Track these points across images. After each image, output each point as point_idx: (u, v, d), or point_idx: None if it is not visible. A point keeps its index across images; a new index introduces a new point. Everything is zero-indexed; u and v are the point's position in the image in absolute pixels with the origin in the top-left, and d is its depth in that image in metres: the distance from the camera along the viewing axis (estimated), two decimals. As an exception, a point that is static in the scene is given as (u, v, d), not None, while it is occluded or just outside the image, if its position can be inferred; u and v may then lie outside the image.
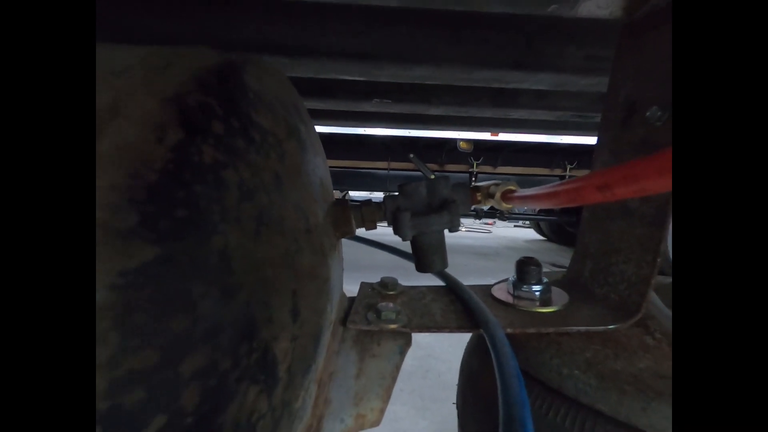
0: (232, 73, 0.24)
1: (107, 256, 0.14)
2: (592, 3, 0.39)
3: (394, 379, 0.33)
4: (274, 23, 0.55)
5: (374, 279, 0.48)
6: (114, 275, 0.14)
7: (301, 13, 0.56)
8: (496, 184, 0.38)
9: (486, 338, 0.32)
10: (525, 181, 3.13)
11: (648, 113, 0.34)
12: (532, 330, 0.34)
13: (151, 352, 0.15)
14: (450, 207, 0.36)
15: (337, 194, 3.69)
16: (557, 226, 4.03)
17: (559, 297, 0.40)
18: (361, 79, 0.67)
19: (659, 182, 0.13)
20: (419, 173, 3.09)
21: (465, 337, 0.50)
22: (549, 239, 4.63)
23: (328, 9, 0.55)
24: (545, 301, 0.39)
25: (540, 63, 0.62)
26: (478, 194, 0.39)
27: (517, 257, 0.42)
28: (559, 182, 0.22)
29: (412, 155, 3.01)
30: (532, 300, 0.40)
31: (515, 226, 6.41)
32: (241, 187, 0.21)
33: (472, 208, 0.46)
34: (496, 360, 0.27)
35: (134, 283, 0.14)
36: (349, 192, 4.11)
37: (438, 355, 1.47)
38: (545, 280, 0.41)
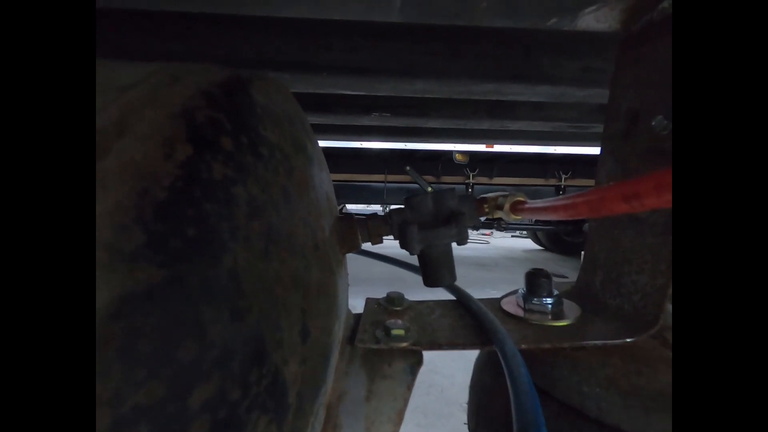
0: (239, 88, 0.23)
1: (111, 280, 0.13)
2: (591, 17, 0.40)
3: (406, 401, 0.31)
4: (275, 40, 0.56)
5: (373, 292, 0.47)
6: (118, 301, 0.13)
7: (302, 29, 0.56)
8: (504, 195, 0.37)
9: (497, 351, 0.31)
10: (520, 192, 3.15)
11: (654, 122, 0.34)
12: (547, 345, 0.33)
13: (158, 384, 0.13)
14: (458, 219, 0.35)
15: (335, 207, 3.67)
16: (555, 235, 4.04)
17: (571, 309, 0.39)
18: (361, 93, 0.67)
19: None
20: (416, 185, 3.10)
21: (468, 351, 0.48)
22: (546, 249, 4.63)
23: (329, 25, 0.56)
24: (557, 314, 0.38)
25: (538, 75, 0.64)
26: (486, 206, 0.38)
27: (516, 267, 0.42)
28: (576, 193, 0.22)
29: (408, 168, 3.03)
30: (544, 313, 0.38)
31: (512, 236, 6.42)
32: (250, 204, 0.20)
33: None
34: (507, 372, 0.27)
35: (140, 309, 0.13)
36: (347, 205, 4.11)
37: (440, 370, 1.43)
38: (556, 292, 0.40)
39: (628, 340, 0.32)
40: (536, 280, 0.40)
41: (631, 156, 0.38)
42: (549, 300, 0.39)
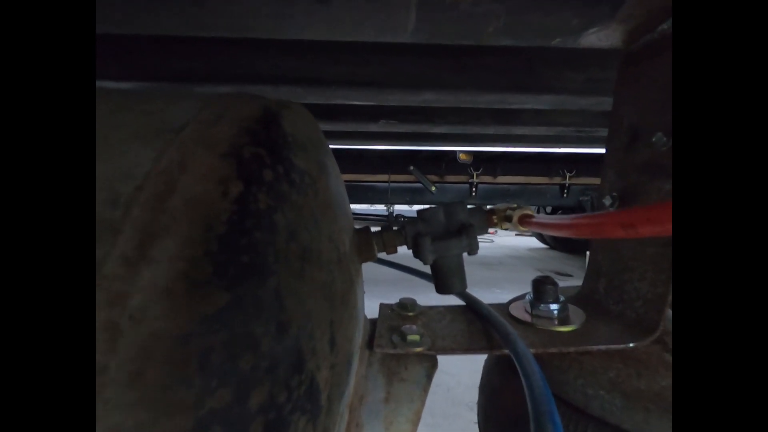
0: (272, 121, 0.26)
1: (190, 304, 0.15)
2: (594, 36, 0.42)
3: (422, 403, 0.34)
4: (287, 58, 0.59)
5: (382, 292, 0.49)
6: (197, 322, 0.15)
7: (314, 47, 0.59)
8: (512, 208, 0.39)
9: (510, 353, 0.33)
10: (525, 191, 3.16)
11: (654, 138, 0.36)
12: (553, 350, 0.35)
13: (226, 390, 0.16)
14: (468, 231, 0.38)
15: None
16: (559, 234, 4.03)
17: (577, 315, 0.41)
18: (370, 104, 0.70)
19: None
20: (420, 185, 3.13)
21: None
22: (551, 247, 4.63)
23: (339, 42, 0.58)
24: (563, 319, 0.41)
25: (541, 86, 0.66)
26: (495, 217, 0.41)
27: (521, 266, 0.44)
28: (581, 215, 0.24)
29: (412, 168, 3.05)
30: (551, 319, 0.41)
31: (517, 234, 6.41)
32: (288, 228, 0.22)
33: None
34: (522, 372, 0.28)
35: (212, 328, 0.16)
36: (351, 206, 4.13)
37: (446, 370, 1.45)
38: (562, 298, 0.42)
39: (631, 344, 0.34)
40: (543, 287, 0.42)
41: (631, 169, 0.40)
42: (555, 306, 0.41)
